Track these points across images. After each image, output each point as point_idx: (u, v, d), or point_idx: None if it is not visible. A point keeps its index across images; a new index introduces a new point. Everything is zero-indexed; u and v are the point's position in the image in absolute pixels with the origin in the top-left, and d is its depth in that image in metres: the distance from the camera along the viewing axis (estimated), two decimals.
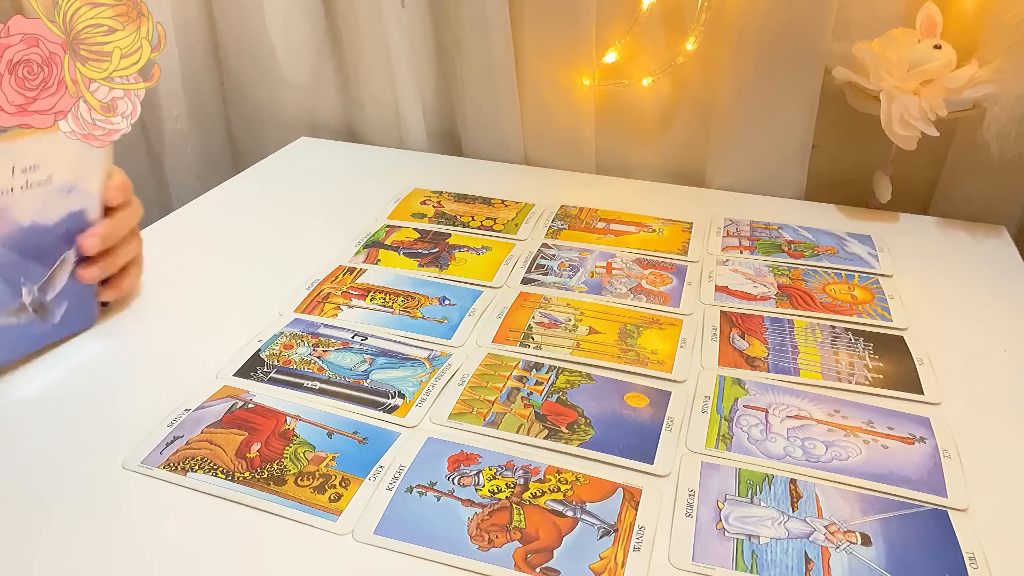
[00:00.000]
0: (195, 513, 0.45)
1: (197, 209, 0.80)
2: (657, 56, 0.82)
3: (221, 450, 0.49)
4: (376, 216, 0.78)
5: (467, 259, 0.71)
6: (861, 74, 0.73)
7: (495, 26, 0.82)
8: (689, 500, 0.46)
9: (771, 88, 0.78)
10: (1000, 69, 0.68)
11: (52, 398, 0.54)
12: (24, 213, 0.54)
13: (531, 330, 0.61)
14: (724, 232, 0.76)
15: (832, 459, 0.49)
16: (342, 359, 0.57)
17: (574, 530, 0.44)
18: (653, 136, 0.88)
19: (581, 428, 0.51)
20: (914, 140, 0.71)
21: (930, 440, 0.51)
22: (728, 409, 0.53)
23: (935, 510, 0.46)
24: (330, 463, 0.48)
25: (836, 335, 0.61)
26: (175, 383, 0.55)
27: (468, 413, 0.53)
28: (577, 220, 0.78)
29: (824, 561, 0.42)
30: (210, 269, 0.69)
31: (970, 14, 0.73)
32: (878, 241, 0.74)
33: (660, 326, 0.62)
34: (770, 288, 0.67)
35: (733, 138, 0.82)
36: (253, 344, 0.59)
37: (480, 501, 0.46)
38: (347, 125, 1.00)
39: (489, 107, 0.88)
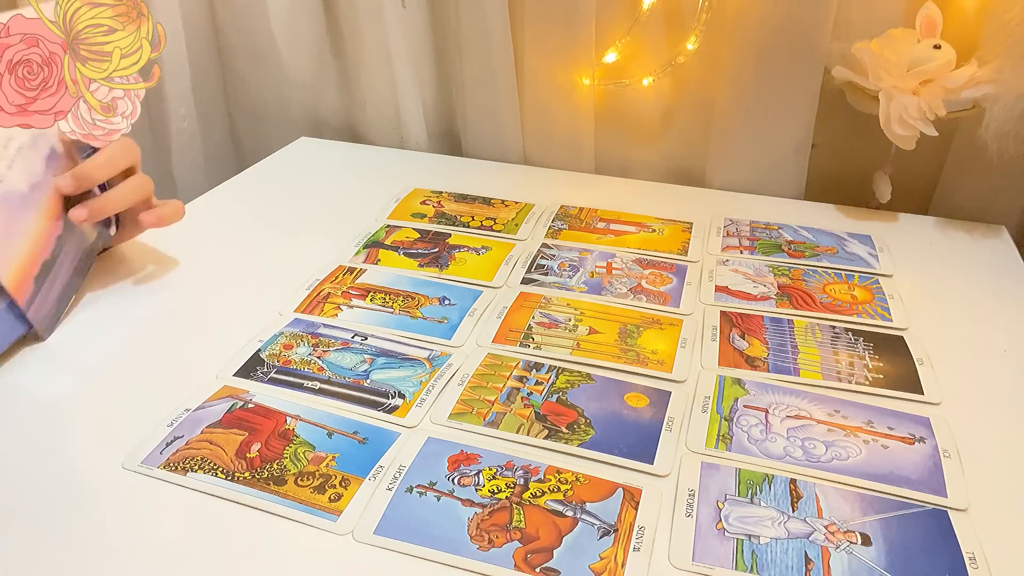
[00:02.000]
0: (195, 513, 0.45)
1: (196, 209, 0.80)
2: (657, 56, 0.82)
3: (221, 450, 0.49)
4: (376, 216, 0.78)
5: (467, 259, 0.71)
6: (860, 74, 0.73)
7: (495, 26, 0.83)
8: (689, 500, 0.46)
9: (771, 88, 0.78)
10: (999, 69, 0.68)
11: (52, 398, 0.54)
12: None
13: (531, 330, 0.61)
14: (724, 232, 0.76)
15: (832, 459, 0.49)
16: (342, 359, 0.57)
17: (574, 530, 0.44)
18: (653, 136, 0.88)
19: (581, 428, 0.51)
20: (913, 140, 0.71)
21: (930, 440, 0.51)
22: (728, 409, 0.53)
23: (935, 510, 0.46)
24: (330, 463, 0.48)
25: (836, 335, 0.61)
26: (175, 383, 0.55)
27: (468, 413, 0.53)
28: (577, 220, 0.78)
29: (824, 561, 0.42)
30: (210, 269, 0.69)
31: (970, 14, 0.73)
32: (878, 241, 0.74)
33: (660, 326, 0.62)
34: (770, 288, 0.67)
35: (733, 138, 0.82)
36: (253, 344, 0.59)
37: (480, 501, 0.46)
38: (349, 124, 1.00)
39: (489, 107, 0.88)
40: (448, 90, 0.94)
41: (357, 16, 0.90)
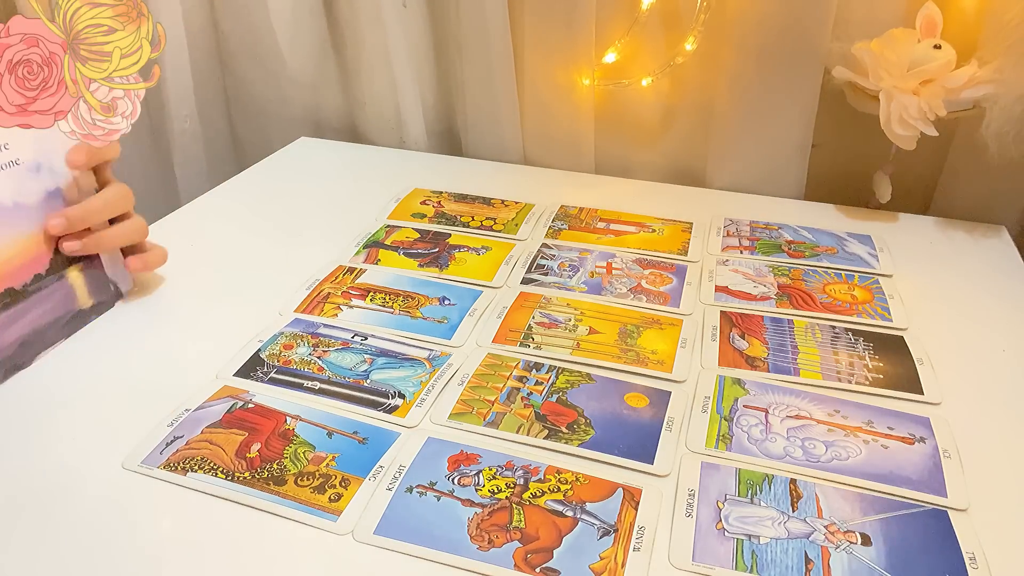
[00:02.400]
0: (195, 513, 0.45)
1: (196, 209, 0.80)
2: (657, 56, 0.82)
3: (221, 450, 0.49)
4: (376, 216, 0.78)
5: (467, 259, 0.71)
6: (861, 74, 0.73)
7: (495, 26, 0.83)
8: (689, 500, 0.46)
9: (771, 88, 0.78)
10: (1000, 69, 0.68)
11: (52, 398, 0.54)
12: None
13: (531, 330, 0.61)
14: (724, 232, 0.76)
15: (832, 459, 0.49)
16: (342, 359, 0.57)
17: (574, 530, 0.44)
18: (653, 136, 0.88)
19: (581, 428, 0.51)
20: (913, 140, 0.71)
21: (930, 440, 0.51)
22: (728, 409, 0.53)
23: (935, 510, 0.46)
24: (330, 463, 0.48)
25: (836, 335, 0.61)
26: (175, 383, 0.55)
27: (468, 413, 0.53)
28: (577, 220, 0.78)
29: (824, 561, 0.42)
30: (210, 269, 0.69)
31: (970, 14, 0.73)
32: (878, 241, 0.74)
33: (660, 326, 0.62)
34: (770, 288, 0.67)
35: (733, 138, 0.82)
36: (253, 344, 0.59)
37: (480, 501, 0.46)
38: (349, 123, 1.00)
39: (489, 107, 0.88)
40: (448, 90, 0.94)
41: (357, 16, 0.90)
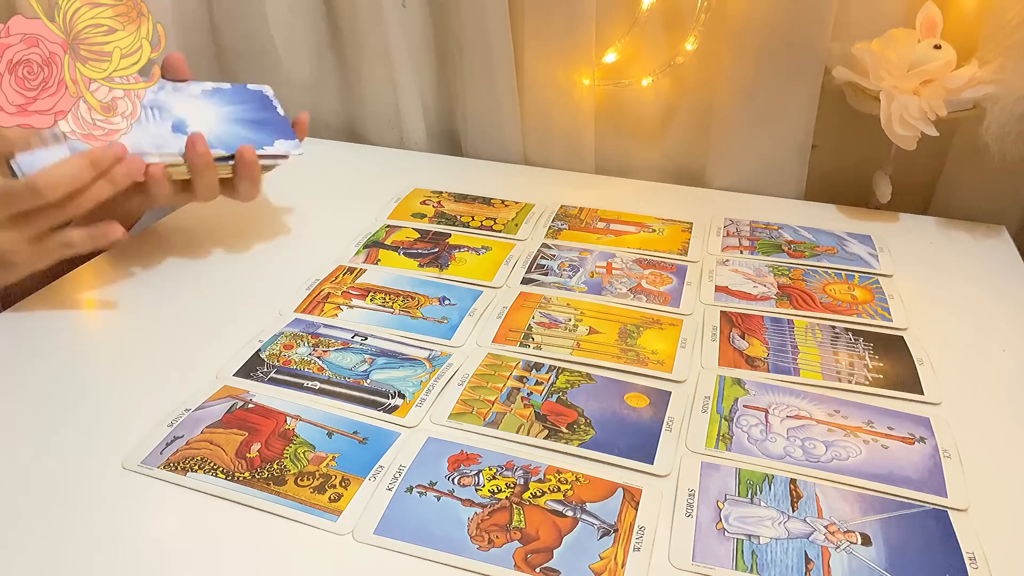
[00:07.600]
0: (195, 513, 0.45)
1: (196, 209, 0.80)
2: (657, 56, 0.82)
3: (221, 450, 0.49)
4: (376, 216, 0.78)
5: (467, 259, 0.71)
6: (861, 74, 0.73)
7: (495, 26, 0.83)
8: (689, 500, 0.46)
9: (771, 88, 0.78)
10: (1000, 69, 0.68)
11: (52, 398, 0.54)
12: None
13: (531, 330, 0.61)
14: (724, 232, 0.76)
15: (832, 459, 0.49)
16: (342, 359, 0.57)
17: (574, 530, 0.44)
18: (653, 136, 0.88)
19: (581, 428, 0.51)
20: (914, 140, 0.71)
21: (930, 440, 0.51)
22: (728, 409, 0.53)
23: (935, 510, 0.46)
24: (330, 463, 0.48)
25: (836, 335, 0.61)
26: (175, 383, 0.55)
27: (468, 413, 0.53)
28: (577, 220, 0.78)
29: (824, 561, 0.42)
30: (210, 269, 0.69)
31: (970, 14, 0.73)
32: (878, 241, 0.74)
33: (660, 326, 0.62)
34: (770, 288, 0.67)
35: (733, 138, 0.82)
36: (253, 344, 0.59)
37: (480, 501, 0.46)
38: (348, 124, 1.00)
39: (489, 107, 0.88)
40: (448, 90, 0.94)
41: (357, 16, 0.90)
